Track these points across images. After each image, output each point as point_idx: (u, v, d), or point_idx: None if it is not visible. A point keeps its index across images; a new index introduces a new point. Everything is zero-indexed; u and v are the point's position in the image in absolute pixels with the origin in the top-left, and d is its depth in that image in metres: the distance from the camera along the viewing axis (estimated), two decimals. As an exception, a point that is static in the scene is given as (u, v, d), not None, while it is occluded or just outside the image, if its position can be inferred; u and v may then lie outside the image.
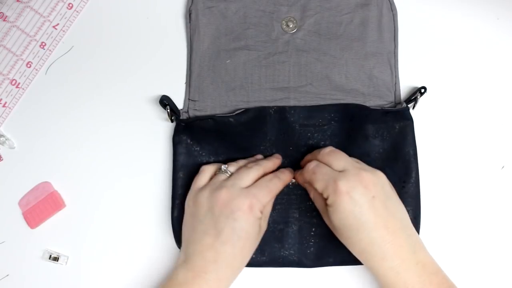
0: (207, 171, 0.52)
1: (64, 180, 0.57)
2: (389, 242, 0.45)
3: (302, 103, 0.55)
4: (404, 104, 0.54)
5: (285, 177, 0.52)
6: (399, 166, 0.52)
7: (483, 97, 0.56)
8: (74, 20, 0.59)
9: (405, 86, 0.56)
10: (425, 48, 0.57)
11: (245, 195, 0.48)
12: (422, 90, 0.53)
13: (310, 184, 0.50)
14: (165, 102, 0.53)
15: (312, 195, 0.51)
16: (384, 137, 0.53)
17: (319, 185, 0.48)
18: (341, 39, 0.56)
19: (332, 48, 0.56)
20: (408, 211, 0.49)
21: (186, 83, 0.56)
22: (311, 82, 0.55)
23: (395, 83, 0.56)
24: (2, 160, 0.58)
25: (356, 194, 0.46)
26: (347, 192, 0.46)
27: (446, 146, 0.55)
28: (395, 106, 0.55)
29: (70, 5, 0.59)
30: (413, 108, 0.54)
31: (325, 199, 0.47)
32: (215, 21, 0.57)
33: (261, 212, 0.48)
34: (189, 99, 0.56)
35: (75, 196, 0.57)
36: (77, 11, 0.59)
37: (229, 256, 0.47)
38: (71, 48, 0.59)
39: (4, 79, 0.59)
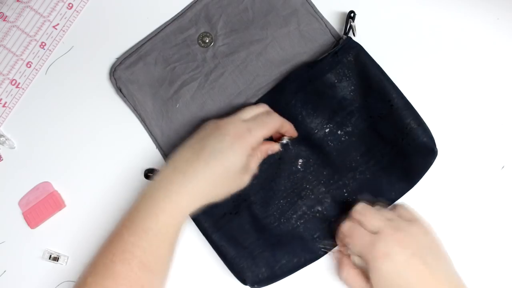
0: None
1: (64, 180, 0.57)
2: None
3: (262, 95, 0.56)
4: (344, 36, 0.54)
5: (287, 124, 0.52)
6: (377, 91, 0.52)
7: (483, 97, 0.56)
8: (74, 20, 0.59)
9: (337, 19, 0.57)
10: (426, 48, 0.57)
11: (239, 124, 0.49)
12: (352, 15, 0.54)
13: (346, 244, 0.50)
14: (149, 174, 0.55)
15: (345, 269, 0.50)
16: (347, 75, 0.53)
17: (356, 250, 0.48)
18: (256, 21, 0.56)
19: (254, 34, 0.56)
20: (409, 122, 0.50)
21: (157, 147, 0.56)
22: (257, 73, 0.56)
23: (326, 25, 0.56)
24: (2, 160, 0.58)
25: (395, 256, 0.46)
26: (386, 254, 0.46)
27: (446, 146, 0.55)
28: (338, 44, 0.54)
29: (70, 5, 0.59)
30: (354, 35, 0.54)
31: (367, 263, 0.47)
32: (144, 80, 0.56)
33: (252, 149, 0.49)
34: (166, 156, 0.56)
35: (75, 196, 0.57)
36: (77, 11, 0.59)
37: (199, 173, 0.47)
38: (71, 48, 0.59)
39: (4, 79, 0.59)
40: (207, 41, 0.56)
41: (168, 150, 0.55)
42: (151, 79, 0.56)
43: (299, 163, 0.54)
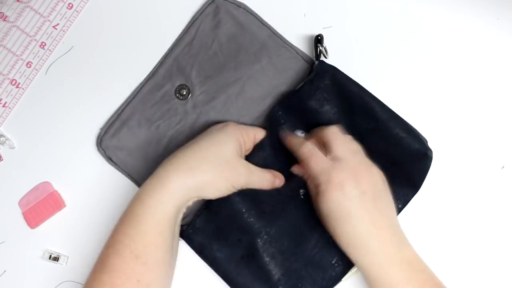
0: None
1: (64, 180, 0.57)
2: (375, 238, 0.45)
3: None
4: (316, 62, 0.54)
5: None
6: (360, 108, 0.52)
7: (483, 97, 0.56)
8: (74, 20, 0.59)
9: (306, 43, 0.57)
10: (425, 48, 0.57)
11: (234, 123, 0.53)
12: (319, 38, 0.54)
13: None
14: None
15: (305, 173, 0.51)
16: (327, 99, 0.53)
17: (312, 171, 0.48)
18: (227, 63, 0.56)
19: (228, 76, 0.56)
20: (397, 133, 0.50)
21: None
22: (240, 114, 0.56)
23: (297, 52, 0.56)
24: (2, 160, 0.58)
25: (347, 187, 0.46)
26: (340, 183, 0.46)
27: (446, 146, 0.55)
28: (312, 69, 0.54)
29: (70, 5, 0.59)
30: (326, 57, 0.54)
31: (317, 186, 0.48)
32: (132, 145, 0.56)
33: (241, 135, 0.50)
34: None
35: (75, 196, 0.57)
36: (77, 11, 0.59)
37: (186, 151, 0.48)
38: (71, 48, 0.59)
39: (4, 79, 0.59)
40: (185, 93, 0.56)
41: None
42: (138, 142, 0.56)
43: (301, 193, 0.54)
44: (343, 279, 0.54)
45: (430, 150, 0.52)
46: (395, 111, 0.52)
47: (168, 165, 0.48)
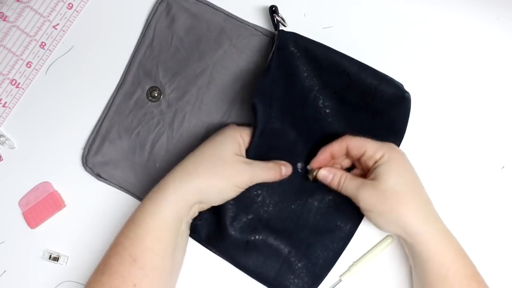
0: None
1: (64, 180, 0.57)
2: (433, 216, 0.48)
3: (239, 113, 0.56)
4: (276, 32, 0.53)
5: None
6: (329, 66, 0.51)
7: (483, 97, 0.56)
8: (74, 20, 0.59)
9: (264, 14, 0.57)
10: (426, 48, 0.56)
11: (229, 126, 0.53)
12: (273, 8, 0.53)
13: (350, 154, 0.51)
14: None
15: (339, 176, 0.51)
16: (296, 66, 0.52)
17: (372, 146, 0.49)
18: (191, 54, 0.56)
19: (195, 68, 0.56)
20: (371, 82, 0.50)
21: None
22: (215, 102, 0.56)
23: (255, 29, 0.56)
24: (2, 160, 0.58)
25: (407, 158, 0.50)
26: (402, 154, 0.50)
27: (446, 146, 0.55)
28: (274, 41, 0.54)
29: (70, 5, 0.59)
30: (285, 26, 0.54)
31: (374, 163, 0.48)
32: (117, 157, 0.56)
33: (241, 136, 0.50)
34: None
35: (75, 196, 0.57)
36: (77, 11, 0.59)
37: (189, 157, 0.49)
38: (71, 48, 0.59)
39: (4, 79, 0.59)
40: (156, 94, 0.56)
41: None
42: (122, 153, 0.56)
43: (299, 167, 0.54)
44: (343, 279, 0.54)
45: (407, 92, 0.51)
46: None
47: (170, 173, 0.48)
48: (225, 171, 0.48)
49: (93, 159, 0.56)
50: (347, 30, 0.57)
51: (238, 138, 0.50)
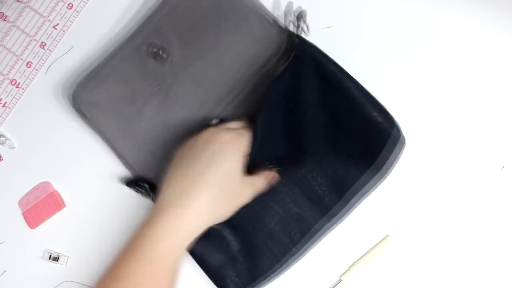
0: None
1: (64, 180, 0.57)
2: None
3: (230, 100, 0.56)
4: (296, 39, 0.52)
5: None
6: (337, 89, 0.51)
7: (483, 97, 0.56)
8: (74, 20, 0.59)
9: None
10: (426, 48, 0.57)
11: (226, 132, 0.49)
12: (301, 13, 0.53)
13: None
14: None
15: None
16: (306, 77, 0.52)
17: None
18: (209, 31, 0.56)
19: (208, 43, 0.56)
20: (374, 115, 0.50)
21: (126, 168, 0.56)
22: (216, 83, 0.55)
23: (277, 25, 0.55)
24: (2, 160, 0.58)
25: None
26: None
27: (446, 146, 0.55)
28: (292, 44, 0.53)
29: (70, 5, 0.59)
30: (307, 35, 0.53)
31: None
32: (107, 102, 0.55)
33: (244, 156, 0.48)
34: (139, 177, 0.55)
35: (75, 196, 0.57)
36: (77, 11, 0.59)
37: (195, 180, 0.46)
38: (71, 48, 0.59)
39: (4, 79, 0.59)
40: (164, 56, 0.56)
41: (139, 168, 0.55)
42: (113, 100, 0.55)
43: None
44: (343, 279, 0.54)
45: (403, 137, 0.51)
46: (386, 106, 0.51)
47: (171, 195, 0.47)
48: (232, 198, 0.48)
49: (84, 95, 0.55)
50: (347, 30, 0.57)
51: (242, 158, 0.49)
